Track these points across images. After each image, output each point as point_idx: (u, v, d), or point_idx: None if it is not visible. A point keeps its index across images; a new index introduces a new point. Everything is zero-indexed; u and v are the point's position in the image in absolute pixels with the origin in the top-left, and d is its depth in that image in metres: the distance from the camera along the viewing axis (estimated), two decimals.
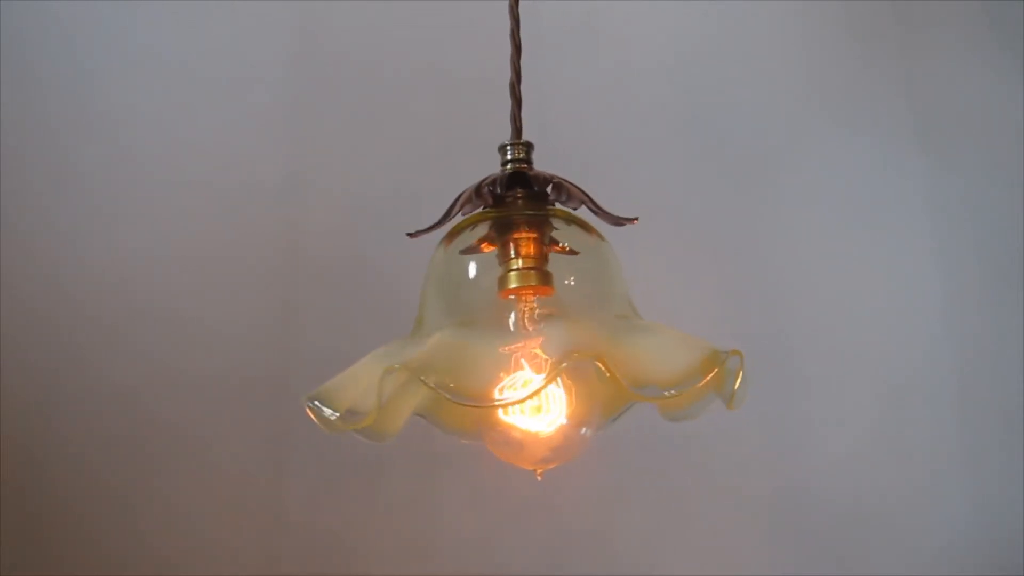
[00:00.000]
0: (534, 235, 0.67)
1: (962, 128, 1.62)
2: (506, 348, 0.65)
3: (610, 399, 0.70)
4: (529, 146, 0.72)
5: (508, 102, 0.74)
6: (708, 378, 0.59)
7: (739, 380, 0.61)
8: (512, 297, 0.68)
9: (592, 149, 1.52)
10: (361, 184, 1.49)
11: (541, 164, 0.73)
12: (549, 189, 0.68)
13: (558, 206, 0.70)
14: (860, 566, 1.43)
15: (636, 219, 0.69)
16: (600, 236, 0.70)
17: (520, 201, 0.69)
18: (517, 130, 0.73)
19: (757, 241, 1.56)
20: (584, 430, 0.69)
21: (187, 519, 1.35)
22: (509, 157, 0.71)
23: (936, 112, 1.62)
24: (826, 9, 1.66)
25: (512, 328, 0.67)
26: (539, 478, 0.69)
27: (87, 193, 1.45)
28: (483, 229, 0.69)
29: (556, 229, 0.69)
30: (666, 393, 0.60)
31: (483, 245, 0.69)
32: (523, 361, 0.64)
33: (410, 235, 0.70)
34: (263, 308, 1.44)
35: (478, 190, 0.67)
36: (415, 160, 1.50)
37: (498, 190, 0.67)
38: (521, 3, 0.76)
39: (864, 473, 1.47)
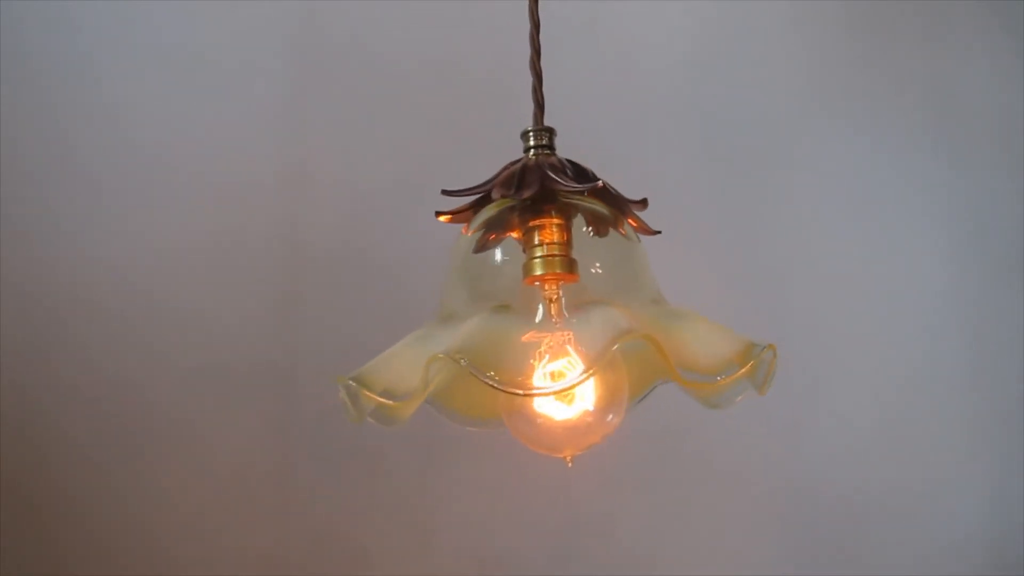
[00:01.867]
0: (560, 221, 0.66)
1: (966, 123, 1.61)
2: (531, 336, 0.64)
3: (633, 383, 0.70)
4: (552, 132, 0.70)
5: (510, 94, 0.74)
6: (745, 368, 0.61)
7: (770, 372, 0.62)
8: (537, 284, 0.67)
9: (595, 147, 1.50)
10: (363, 175, 1.48)
11: None
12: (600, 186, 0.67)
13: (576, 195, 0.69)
14: (864, 560, 1.45)
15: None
16: (624, 225, 0.70)
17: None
18: (538, 104, 0.71)
19: (760, 237, 1.55)
20: (610, 416, 0.68)
21: (188, 509, 1.35)
22: (532, 143, 0.69)
23: (941, 107, 1.61)
24: (830, 6, 1.63)
25: (537, 316, 0.66)
26: (569, 464, 0.69)
27: (87, 184, 1.43)
28: (507, 214, 0.67)
29: (581, 215, 0.68)
30: (719, 378, 0.61)
31: (507, 231, 0.67)
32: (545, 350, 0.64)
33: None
34: (265, 299, 1.42)
35: (550, 167, 0.66)
36: (417, 151, 1.47)
37: (569, 173, 0.66)
38: None
39: (869, 468, 1.48)
